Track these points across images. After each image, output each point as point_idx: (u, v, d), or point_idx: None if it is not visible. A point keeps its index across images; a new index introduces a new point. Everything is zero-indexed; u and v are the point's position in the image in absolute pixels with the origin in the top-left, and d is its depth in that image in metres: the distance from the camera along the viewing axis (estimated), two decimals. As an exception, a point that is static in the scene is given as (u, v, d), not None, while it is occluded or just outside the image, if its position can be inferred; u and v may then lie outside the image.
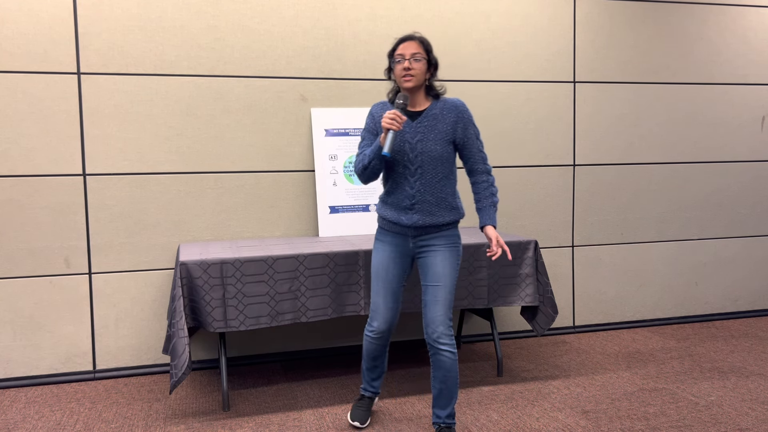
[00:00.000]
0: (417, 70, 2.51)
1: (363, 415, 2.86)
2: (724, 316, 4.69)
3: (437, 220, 2.59)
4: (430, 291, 2.57)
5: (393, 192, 2.61)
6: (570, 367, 3.64)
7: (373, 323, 2.71)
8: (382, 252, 2.66)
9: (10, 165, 3.41)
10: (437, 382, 2.59)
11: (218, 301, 2.97)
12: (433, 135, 2.56)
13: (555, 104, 4.24)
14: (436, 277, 2.57)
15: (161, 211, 3.61)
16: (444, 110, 2.58)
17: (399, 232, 2.64)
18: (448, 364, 2.55)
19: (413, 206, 2.57)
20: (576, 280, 4.36)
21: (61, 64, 3.44)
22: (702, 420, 2.89)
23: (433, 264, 2.59)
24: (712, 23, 4.51)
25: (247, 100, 3.70)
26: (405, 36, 2.56)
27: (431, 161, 2.55)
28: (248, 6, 3.67)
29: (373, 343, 2.76)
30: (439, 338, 2.54)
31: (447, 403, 2.62)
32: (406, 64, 2.49)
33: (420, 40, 2.54)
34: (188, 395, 3.30)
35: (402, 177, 2.58)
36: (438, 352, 2.55)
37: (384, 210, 2.66)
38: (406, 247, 2.65)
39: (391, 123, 2.42)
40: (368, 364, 2.85)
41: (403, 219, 2.59)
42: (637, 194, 4.45)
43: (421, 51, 2.52)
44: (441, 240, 2.61)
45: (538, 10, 4.16)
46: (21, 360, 3.47)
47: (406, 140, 2.56)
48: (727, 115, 4.61)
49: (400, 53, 2.52)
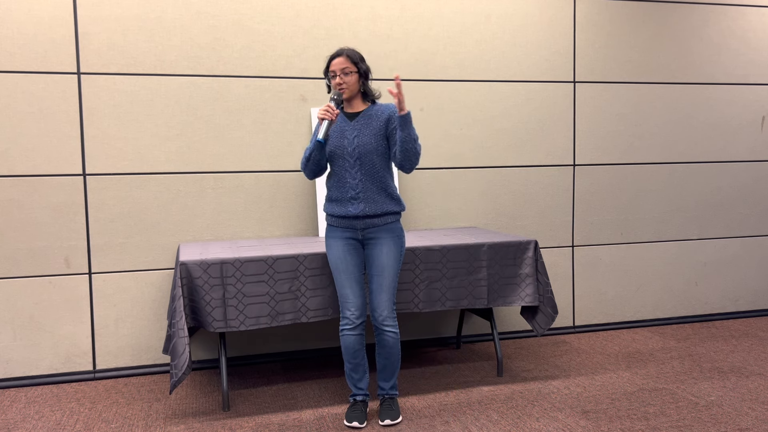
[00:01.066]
0: (348, 83, 2.81)
1: (360, 415, 2.86)
2: (724, 316, 4.69)
3: (382, 208, 2.85)
4: (376, 280, 2.86)
5: (336, 187, 2.87)
6: (570, 367, 3.64)
7: (346, 314, 2.85)
8: (336, 247, 2.89)
9: (10, 165, 3.41)
10: (382, 358, 2.90)
11: (218, 301, 2.97)
12: (368, 131, 2.84)
13: (555, 104, 4.24)
14: (381, 268, 2.85)
15: (161, 211, 3.61)
16: (378, 111, 2.87)
17: (348, 226, 2.88)
18: (391, 342, 2.87)
19: (358, 195, 2.83)
20: (576, 280, 4.36)
21: (61, 64, 3.44)
22: (702, 420, 2.89)
23: (379, 255, 2.86)
24: (712, 23, 4.51)
25: (247, 100, 3.70)
26: (334, 53, 2.84)
27: (368, 153, 2.83)
28: (248, 6, 3.67)
29: (350, 336, 2.84)
30: (384, 321, 2.85)
31: (390, 375, 2.94)
32: (338, 80, 2.81)
33: (347, 55, 2.81)
34: (188, 395, 3.30)
35: (343, 170, 2.85)
36: (383, 333, 2.86)
37: (331, 207, 2.90)
38: (356, 238, 2.90)
39: (324, 113, 2.73)
40: (350, 363, 2.89)
41: (351, 210, 2.84)
42: (637, 194, 4.45)
43: (350, 65, 2.81)
44: (386, 233, 2.88)
45: (538, 10, 4.16)
46: (21, 360, 3.47)
47: (345, 137, 2.84)
48: (727, 115, 4.61)
49: (332, 70, 2.82)
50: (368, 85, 2.89)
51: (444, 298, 3.30)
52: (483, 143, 4.11)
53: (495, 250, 3.37)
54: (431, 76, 3.99)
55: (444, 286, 3.29)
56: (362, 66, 2.83)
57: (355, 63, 2.81)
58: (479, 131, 4.10)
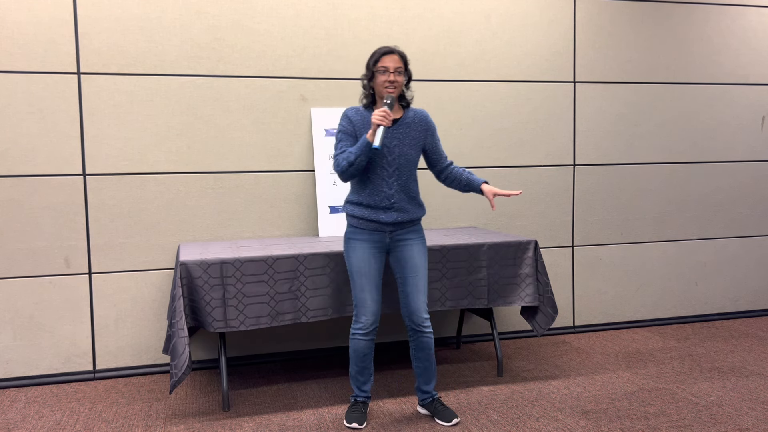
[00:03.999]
0: (399, 83, 2.74)
1: (360, 416, 2.84)
2: (724, 316, 4.69)
3: (412, 216, 2.84)
4: (411, 282, 2.82)
5: (370, 194, 2.79)
6: (570, 367, 3.64)
7: (362, 319, 2.79)
8: (361, 249, 2.81)
9: (10, 165, 3.41)
10: (421, 361, 2.87)
11: (218, 301, 2.97)
12: (408, 141, 2.80)
13: (555, 104, 4.24)
14: (415, 269, 2.82)
15: (161, 211, 3.61)
16: (415, 120, 2.83)
17: (376, 229, 2.81)
18: (430, 344, 2.85)
19: (392, 205, 2.79)
20: (576, 280, 4.36)
21: (61, 64, 3.44)
22: (702, 420, 2.89)
23: (411, 257, 2.83)
24: (712, 23, 4.51)
25: (247, 100, 3.70)
26: (387, 49, 2.76)
27: (406, 164, 2.80)
28: (248, 6, 3.67)
29: (362, 341, 2.80)
30: (423, 323, 2.82)
31: (431, 377, 2.91)
32: (391, 77, 2.71)
33: (400, 55, 2.75)
34: (188, 395, 3.30)
35: (380, 178, 2.77)
36: (423, 335, 2.83)
37: (359, 210, 2.81)
38: (383, 242, 2.83)
39: (381, 119, 2.61)
40: (357, 366, 2.84)
41: (383, 217, 2.79)
42: (637, 194, 4.45)
43: (402, 65, 2.75)
44: (413, 234, 2.87)
45: (538, 10, 4.16)
46: (21, 360, 3.47)
47: (384, 144, 2.75)
48: (727, 115, 4.61)
49: (384, 65, 2.72)
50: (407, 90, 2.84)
51: (444, 298, 3.30)
52: (483, 143, 4.11)
53: (495, 250, 3.37)
54: (431, 76, 3.99)
55: (444, 286, 3.29)
56: (409, 69, 2.79)
57: (405, 65, 2.76)
58: (479, 131, 4.10)
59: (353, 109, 2.83)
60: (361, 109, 2.82)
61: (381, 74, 2.71)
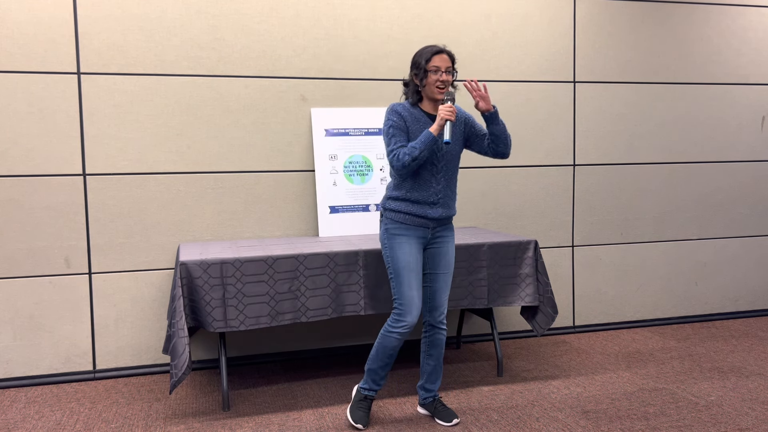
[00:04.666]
0: (449, 82, 2.76)
1: (364, 417, 2.83)
2: (724, 316, 4.69)
3: (452, 212, 2.88)
4: (442, 278, 2.85)
5: (418, 189, 2.78)
6: (570, 367, 3.64)
7: (407, 318, 2.73)
8: (409, 245, 2.78)
9: (10, 165, 3.41)
10: (432, 359, 2.90)
11: (218, 301, 2.97)
12: (455, 137, 2.84)
13: (555, 104, 4.24)
14: (448, 266, 2.87)
15: (161, 211, 3.61)
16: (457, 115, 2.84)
17: (422, 225, 2.81)
18: (443, 341, 2.90)
19: (439, 200, 2.80)
20: (576, 280, 4.36)
21: (61, 64, 3.44)
22: (702, 420, 2.89)
23: (447, 254, 2.86)
24: (712, 23, 4.51)
25: (247, 100, 3.70)
26: (438, 48, 2.74)
27: (453, 159, 2.83)
28: (248, 6, 3.67)
29: (398, 340, 2.75)
30: (443, 320, 2.87)
31: (438, 376, 2.94)
32: (444, 77, 2.72)
33: (449, 54, 2.76)
34: (188, 395, 3.30)
35: (430, 174, 2.78)
36: (438, 332, 2.87)
37: (407, 206, 2.79)
38: (426, 238, 2.83)
39: (449, 114, 2.64)
40: (383, 362, 2.80)
41: (430, 213, 2.79)
42: (637, 194, 4.45)
43: (451, 66, 2.76)
44: (448, 231, 2.89)
45: (538, 10, 4.16)
46: (21, 360, 3.47)
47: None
48: (727, 115, 4.61)
49: (436, 65, 2.72)
50: None
51: (444, 298, 3.30)
52: (483, 143, 4.11)
53: (495, 250, 3.37)
54: (431, 76, 3.98)
55: (444, 286, 3.29)
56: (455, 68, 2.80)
57: (453, 63, 2.76)
58: (479, 131, 4.09)
59: (399, 105, 2.79)
60: (407, 105, 2.79)
61: (433, 74, 2.71)
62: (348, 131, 3.83)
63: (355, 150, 3.83)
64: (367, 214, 3.80)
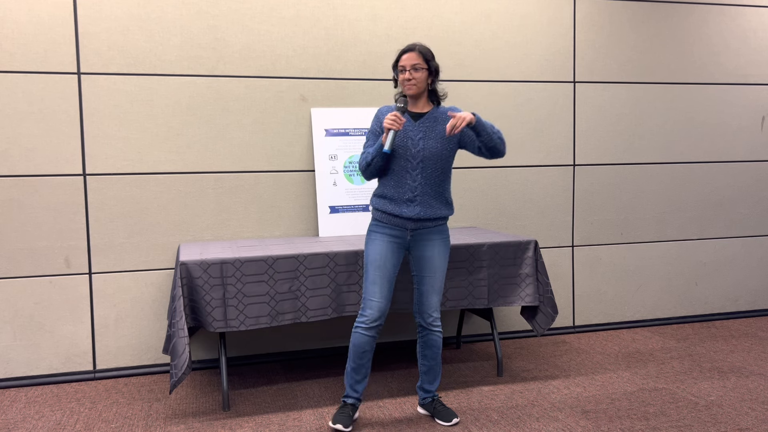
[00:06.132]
0: (417, 79, 2.72)
1: (346, 419, 2.78)
2: (724, 316, 4.69)
3: (436, 212, 2.80)
4: (428, 281, 2.82)
5: (394, 186, 2.78)
6: (570, 367, 3.64)
7: (366, 311, 2.75)
8: (380, 243, 2.79)
9: (10, 165, 3.41)
10: (428, 360, 2.90)
11: (218, 301, 2.97)
12: (434, 134, 2.77)
13: (555, 104, 4.24)
14: (434, 270, 2.82)
15: (161, 211, 3.61)
16: (443, 114, 2.81)
17: (398, 224, 2.80)
18: (438, 342, 2.88)
19: (415, 198, 2.76)
20: (576, 280, 4.36)
21: (61, 64, 3.44)
22: (702, 420, 2.89)
23: (431, 257, 2.82)
24: (712, 23, 4.51)
25: (247, 100, 3.70)
26: (407, 47, 2.75)
27: (431, 157, 2.76)
28: (248, 6, 3.67)
29: (364, 336, 2.75)
30: (434, 322, 2.85)
31: (435, 377, 2.94)
32: (407, 75, 2.72)
33: (419, 51, 2.73)
34: (188, 395, 3.30)
35: (404, 170, 2.76)
36: (432, 333, 2.86)
37: (383, 204, 2.81)
38: (404, 239, 2.81)
39: (391, 123, 2.63)
40: (355, 362, 2.79)
41: (405, 211, 2.76)
42: (637, 194, 4.45)
43: (421, 61, 2.72)
44: (436, 234, 2.83)
45: (538, 10, 4.16)
46: (21, 360, 3.47)
47: (409, 137, 2.76)
48: (727, 115, 4.61)
49: (402, 64, 2.74)
50: (436, 84, 2.80)
51: (444, 298, 3.30)
52: (483, 143, 4.11)
53: (495, 250, 3.37)
54: (431, 76, 3.99)
55: (444, 286, 3.29)
56: (433, 64, 2.74)
57: (427, 60, 2.72)
58: (479, 131, 4.10)
59: (386, 107, 2.85)
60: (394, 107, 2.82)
61: (401, 73, 2.74)
62: (348, 131, 3.83)
63: (355, 150, 3.83)
64: (367, 214, 3.80)
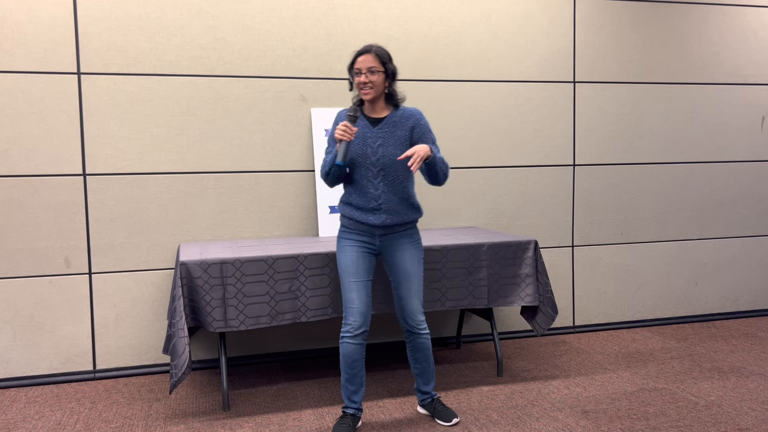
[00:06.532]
0: (374, 83, 2.64)
1: (347, 429, 2.73)
2: (724, 316, 4.69)
3: (403, 218, 2.76)
4: (404, 285, 2.78)
5: (358, 195, 2.74)
6: (570, 367, 3.64)
7: (349, 319, 2.71)
8: (350, 250, 2.76)
9: (10, 165, 3.41)
10: (419, 362, 2.87)
11: (218, 301, 2.97)
12: (393, 140, 2.70)
13: (555, 104, 4.24)
14: (407, 274, 2.78)
15: (161, 211, 3.61)
16: (402, 118, 2.72)
17: (365, 231, 2.76)
18: (427, 344, 2.84)
19: (380, 206, 2.72)
20: (576, 280, 4.36)
21: (61, 64, 3.44)
22: (702, 420, 2.89)
23: (403, 262, 2.78)
24: (712, 23, 4.51)
25: (247, 100, 3.70)
26: (362, 49, 2.67)
27: (392, 164, 2.70)
28: (248, 6, 3.67)
29: (350, 345, 2.70)
30: (419, 324, 2.80)
31: (430, 378, 2.91)
32: (363, 78, 2.63)
33: (376, 53, 2.65)
34: (188, 395, 3.30)
35: (365, 179, 2.71)
36: (419, 336, 2.81)
37: (349, 211, 2.77)
38: (373, 244, 2.78)
39: (342, 134, 2.55)
40: (347, 372, 2.74)
41: (371, 219, 2.72)
42: (637, 194, 4.45)
43: (377, 64, 2.64)
44: (406, 238, 2.80)
45: (538, 10, 4.16)
46: (21, 360, 3.47)
47: (368, 144, 2.69)
48: (727, 115, 4.61)
49: (357, 67, 2.65)
50: (393, 87, 2.72)
51: (444, 298, 3.30)
52: (483, 143, 4.11)
53: (495, 250, 3.37)
54: (431, 76, 3.99)
55: (444, 286, 3.29)
56: (390, 66, 2.67)
57: (383, 62, 2.65)
58: (479, 131, 4.10)
59: (345, 110, 2.76)
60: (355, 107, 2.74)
61: (357, 75, 2.65)
62: (348, 131, 3.83)
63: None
64: (367, 214, 3.80)
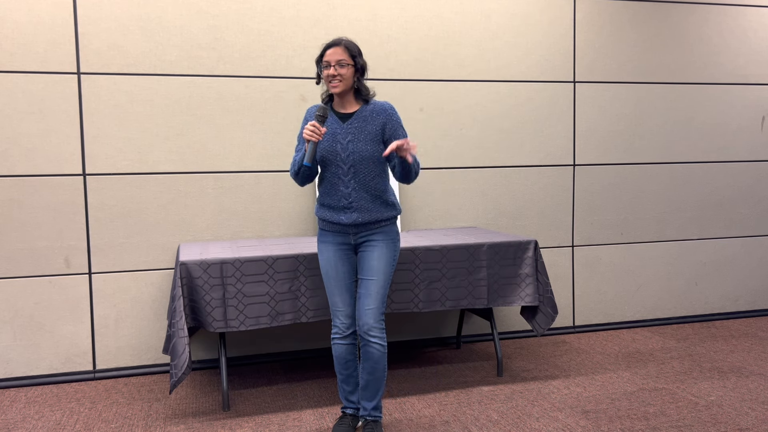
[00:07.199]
0: (343, 76, 2.56)
1: (347, 430, 2.72)
2: (724, 316, 4.69)
3: (376, 216, 2.64)
4: (364, 284, 2.64)
5: (329, 193, 2.66)
6: (570, 367, 3.64)
7: (336, 322, 2.69)
8: (327, 252, 2.70)
9: (10, 165, 3.41)
10: (365, 373, 2.65)
11: (218, 301, 2.97)
12: (363, 136, 2.61)
13: (555, 104, 4.24)
14: (371, 272, 2.63)
15: (161, 211, 3.61)
16: (373, 113, 2.63)
17: (340, 231, 2.68)
18: (376, 356, 2.62)
19: (351, 205, 2.62)
20: (576, 280, 4.36)
21: (61, 64, 3.44)
22: (702, 420, 2.89)
23: (370, 258, 2.65)
24: (712, 23, 4.51)
25: (247, 100, 3.70)
26: (331, 41, 2.59)
27: (363, 161, 2.60)
28: (248, 6, 3.67)
29: (341, 345, 2.69)
30: (369, 330, 2.60)
31: (373, 395, 2.68)
32: (332, 71, 2.55)
33: (345, 46, 2.57)
34: (188, 395, 3.30)
35: (336, 177, 2.62)
36: (368, 344, 2.61)
37: (323, 212, 2.70)
38: (349, 243, 2.69)
39: (310, 135, 2.47)
40: (341, 373, 2.73)
41: (343, 218, 2.64)
42: (637, 194, 4.45)
43: (346, 57, 2.56)
44: (380, 236, 2.67)
45: (538, 10, 4.16)
46: (21, 360, 3.47)
47: (338, 141, 2.60)
48: (727, 115, 4.61)
49: (326, 60, 2.56)
50: (363, 82, 2.62)
51: (444, 298, 3.30)
52: (483, 143, 4.11)
53: (495, 250, 3.37)
54: (431, 76, 3.99)
55: (444, 286, 3.29)
56: (359, 60, 2.59)
57: (353, 56, 2.56)
58: (479, 131, 4.10)
59: (314, 107, 2.69)
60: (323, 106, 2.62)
61: (325, 68, 2.56)
62: (348, 131, 3.83)
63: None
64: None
